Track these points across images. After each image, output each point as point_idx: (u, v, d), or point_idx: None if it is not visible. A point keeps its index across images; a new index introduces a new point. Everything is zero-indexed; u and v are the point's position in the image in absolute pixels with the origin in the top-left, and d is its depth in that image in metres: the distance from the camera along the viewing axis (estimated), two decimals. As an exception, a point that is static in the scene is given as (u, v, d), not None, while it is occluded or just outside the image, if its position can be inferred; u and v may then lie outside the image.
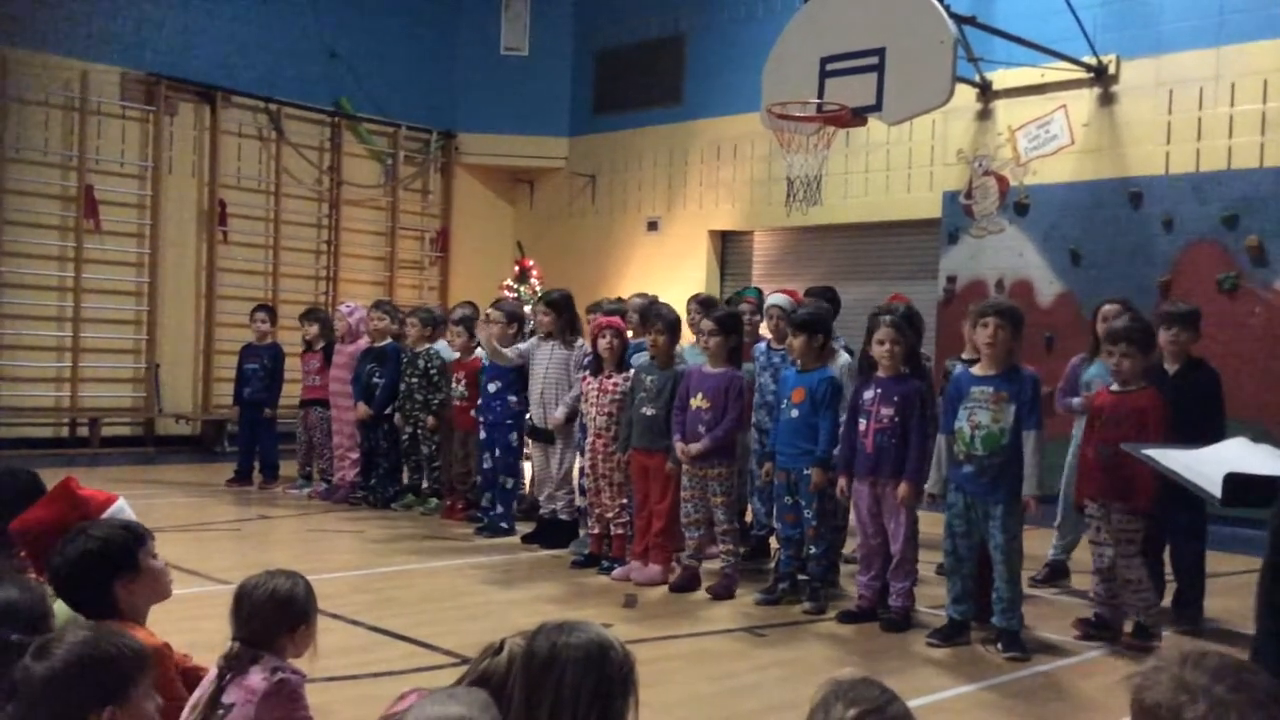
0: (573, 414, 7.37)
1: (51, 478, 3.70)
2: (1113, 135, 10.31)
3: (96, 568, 2.95)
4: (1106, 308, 6.54)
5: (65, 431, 12.12)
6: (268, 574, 2.98)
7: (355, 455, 9.15)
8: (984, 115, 11.10)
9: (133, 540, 3.04)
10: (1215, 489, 2.58)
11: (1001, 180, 10.92)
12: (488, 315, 8.04)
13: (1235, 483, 2.56)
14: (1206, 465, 2.77)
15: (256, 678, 2.70)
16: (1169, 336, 5.87)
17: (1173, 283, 9.70)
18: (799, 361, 6.15)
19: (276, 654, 2.84)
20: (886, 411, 5.67)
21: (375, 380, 8.90)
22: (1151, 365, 5.58)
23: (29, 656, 2.20)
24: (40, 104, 11.75)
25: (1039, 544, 6.76)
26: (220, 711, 2.69)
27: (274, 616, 2.88)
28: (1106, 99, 10.33)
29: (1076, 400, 6.36)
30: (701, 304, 7.61)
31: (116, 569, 2.97)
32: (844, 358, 6.50)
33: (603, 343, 6.86)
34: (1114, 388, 5.49)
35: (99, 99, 12.08)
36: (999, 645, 5.30)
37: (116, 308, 12.32)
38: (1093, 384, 6.26)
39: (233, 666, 2.79)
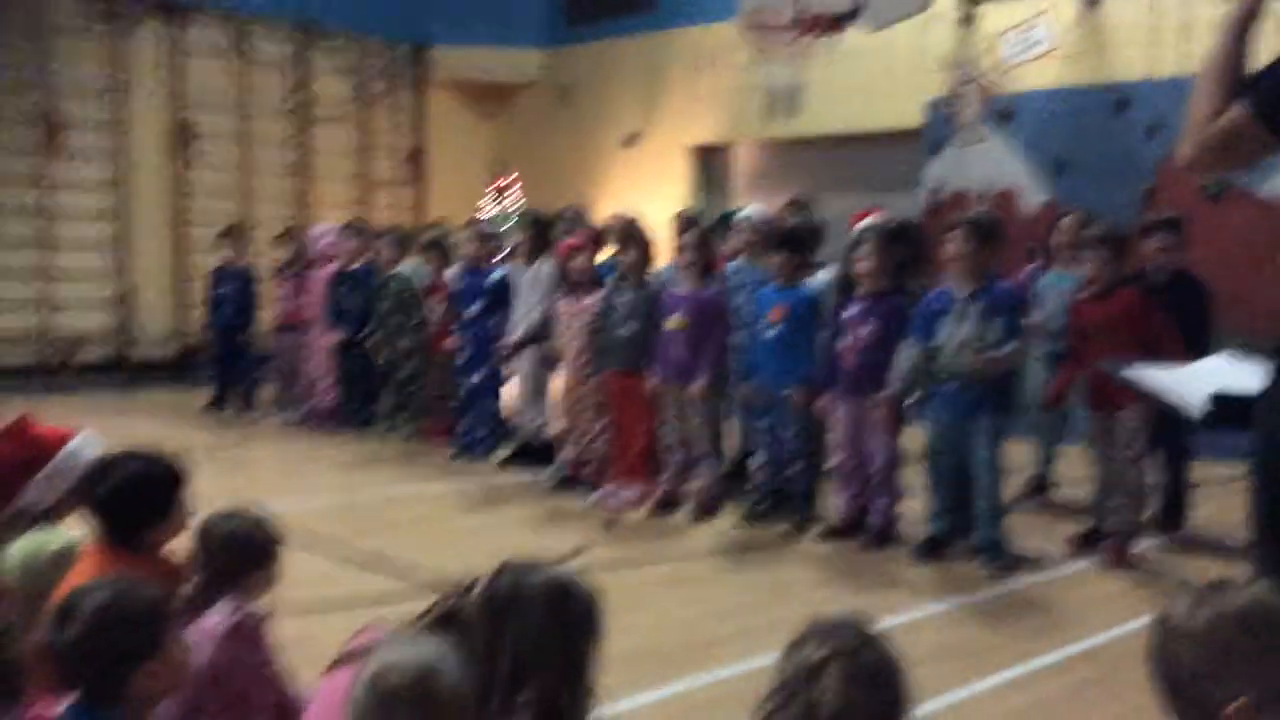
0: (535, 335, 7.21)
1: (23, 408, 3.64)
2: (1096, 39, 10.10)
3: (136, 501, 2.95)
4: (1065, 220, 6.52)
5: (38, 359, 11.96)
6: (229, 512, 2.91)
7: (332, 379, 9.04)
8: (966, 21, 10.84)
9: (172, 480, 3.04)
10: (1197, 408, 2.51)
11: (984, 88, 10.71)
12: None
13: (1217, 402, 2.48)
14: (1188, 383, 2.69)
15: (214, 619, 2.63)
16: (1156, 244, 5.79)
17: (1157, 190, 9.58)
18: (778, 279, 6.04)
19: (238, 593, 2.77)
20: (867, 329, 5.58)
21: (347, 305, 8.75)
22: (1126, 273, 5.51)
23: (52, 625, 2.13)
24: (-3, 24, 11.41)
25: (1017, 458, 6.72)
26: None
27: (235, 556, 2.82)
28: (1091, 1, 10.09)
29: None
30: (685, 221, 7.45)
31: (152, 511, 2.97)
32: (823, 273, 6.39)
33: (574, 263, 6.72)
34: (1084, 296, 5.44)
35: (60, 17, 11.71)
36: (981, 560, 5.29)
37: (86, 232, 12.08)
38: (1046, 294, 6.22)
39: (191, 605, 2.72)
